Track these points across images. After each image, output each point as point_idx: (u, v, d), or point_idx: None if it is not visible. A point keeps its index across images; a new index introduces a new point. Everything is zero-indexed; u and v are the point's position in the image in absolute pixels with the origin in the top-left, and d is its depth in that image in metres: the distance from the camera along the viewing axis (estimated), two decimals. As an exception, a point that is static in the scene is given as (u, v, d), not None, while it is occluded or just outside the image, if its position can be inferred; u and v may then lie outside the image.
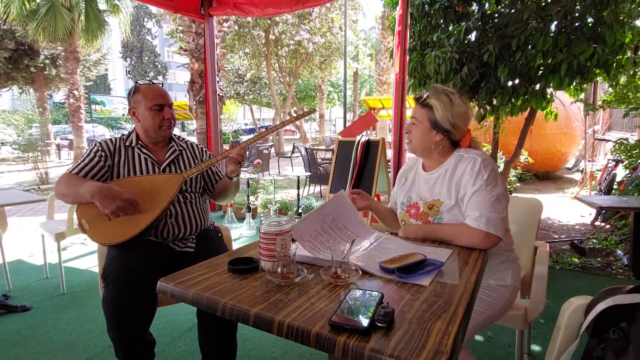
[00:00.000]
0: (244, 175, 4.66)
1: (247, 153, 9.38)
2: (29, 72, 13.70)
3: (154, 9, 27.74)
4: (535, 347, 2.03)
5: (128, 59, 32.62)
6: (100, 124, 18.49)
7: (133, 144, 1.68)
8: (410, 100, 8.71)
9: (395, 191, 1.60)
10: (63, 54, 10.51)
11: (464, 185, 1.30)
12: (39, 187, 7.57)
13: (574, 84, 2.83)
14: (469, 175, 1.29)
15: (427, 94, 1.40)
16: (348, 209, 1.32)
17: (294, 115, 1.81)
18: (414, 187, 1.48)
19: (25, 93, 13.80)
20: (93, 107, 13.86)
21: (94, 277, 3.01)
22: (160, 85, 1.71)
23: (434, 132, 1.38)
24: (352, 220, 1.29)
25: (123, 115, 15.22)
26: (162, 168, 1.67)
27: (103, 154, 1.62)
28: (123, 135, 1.72)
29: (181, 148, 1.78)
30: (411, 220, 1.43)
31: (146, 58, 32.43)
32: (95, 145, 1.65)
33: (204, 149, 1.88)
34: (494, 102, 3.06)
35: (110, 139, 1.69)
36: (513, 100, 3.03)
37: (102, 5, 10.27)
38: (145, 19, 32.04)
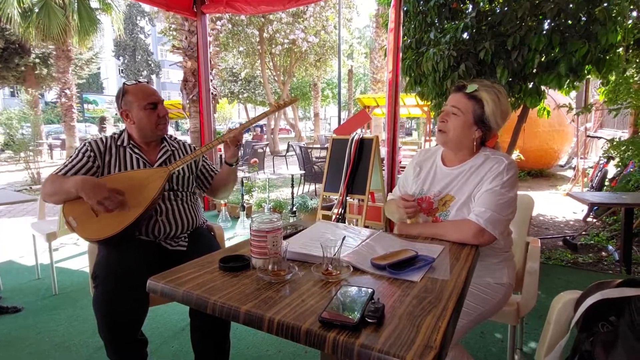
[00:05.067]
0: (239, 174, 4.64)
1: (242, 152, 9.34)
2: (19, 71, 13.54)
3: (146, 6, 27.52)
4: (528, 343, 2.05)
5: (121, 58, 32.36)
6: (93, 123, 18.33)
7: (125, 144, 1.66)
8: (403, 99, 8.69)
9: (407, 180, 1.52)
10: (54, 52, 10.40)
11: (481, 182, 1.29)
12: (30, 188, 7.49)
13: (568, 82, 2.84)
14: (490, 174, 1.28)
15: (474, 86, 1.30)
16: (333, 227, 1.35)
17: (275, 103, 1.84)
18: (429, 179, 1.43)
19: (25, 92, 13.66)
20: (85, 106, 13.75)
21: (85, 278, 2.98)
22: (147, 82, 1.69)
23: (474, 128, 1.32)
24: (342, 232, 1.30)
25: (115, 114, 15.11)
26: (154, 168, 1.66)
27: (92, 154, 1.60)
28: (114, 134, 1.70)
29: (173, 148, 1.77)
30: (420, 214, 1.40)
31: (139, 56, 32.20)
32: (84, 145, 1.62)
33: (196, 149, 1.86)
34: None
35: (101, 139, 1.66)
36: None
37: (93, 4, 10.17)
38: (138, 17, 31.80)
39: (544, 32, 2.69)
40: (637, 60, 3.54)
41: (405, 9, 3.36)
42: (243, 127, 1.70)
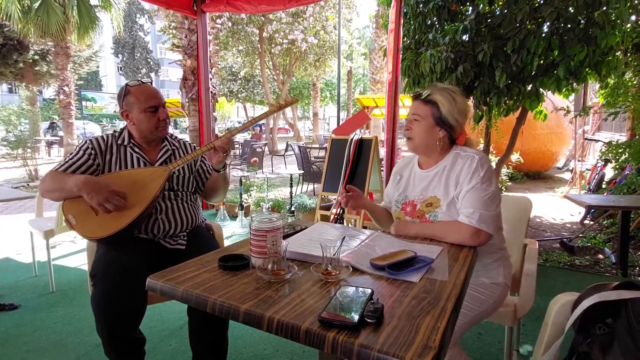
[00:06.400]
0: (238, 173, 4.64)
1: (240, 151, 9.32)
2: (18, 67, 13.48)
3: (146, 4, 27.47)
4: (525, 344, 2.06)
5: (120, 56, 32.28)
6: (92, 120, 18.29)
7: (125, 143, 1.65)
8: (402, 99, 8.74)
9: (389, 189, 1.60)
10: (53, 49, 10.36)
11: (460, 182, 1.32)
12: (28, 184, 7.46)
13: (567, 85, 2.85)
14: (466, 172, 1.31)
15: (428, 91, 1.39)
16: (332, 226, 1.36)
17: (276, 103, 1.88)
18: (410, 185, 1.48)
19: (24, 89, 13.59)
20: (84, 103, 13.69)
21: (83, 275, 2.98)
22: (150, 83, 1.69)
23: (437, 129, 1.38)
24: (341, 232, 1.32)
25: (114, 112, 15.06)
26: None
27: (93, 152, 1.59)
28: (115, 132, 1.69)
29: (174, 147, 1.76)
30: (407, 218, 1.44)
31: (138, 54, 32.13)
32: (85, 142, 1.62)
33: (196, 148, 1.86)
34: (489, 101, 3.08)
35: (102, 137, 1.66)
36: (507, 100, 3.05)
37: (93, 1, 10.13)
38: (138, 15, 31.73)
39: (543, 35, 2.70)
40: (636, 64, 3.56)
41: (404, 10, 3.36)
42: (238, 131, 1.69)
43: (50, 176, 1.53)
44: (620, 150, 4.11)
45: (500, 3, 3.07)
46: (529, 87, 2.97)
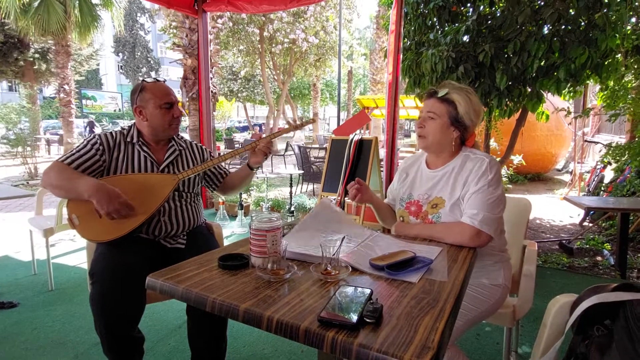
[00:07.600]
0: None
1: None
2: (18, 65, 13.49)
3: (147, 3, 27.45)
4: (523, 345, 2.06)
5: (120, 54, 32.28)
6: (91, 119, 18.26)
7: (134, 140, 1.63)
8: (402, 100, 8.73)
9: (394, 187, 1.58)
10: (54, 48, 10.36)
11: (467, 184, 1.31)
12: (27, 183, 7.46)
13: (567, 87, 2.85)
14: (475, 174, 1.30)
15: (445, 89, 1.36)
16: (337, 214, 1.35)
17: (294, 123, 2.08)
18: (416, 184, 1.47)
19: (25, 87, 13.61)
20: (84, 102, 13.67)
21: (82, 274, 2.98)
22: (164, 82, 1.69)
23: (452, 129, 1.37)
24: (343, 226, 1.32)
25: (114, 110, 15.04)
26: (161, 168, 1.64)
27: (101, 147, 1.56)
28: (123, 129, 1.66)
29: (181, 148, 1.75)
30: (410, 218, 1.43)
31: (139, 53, 32.13)
32: (94, 137, 1.58)
33: (204, 149, 1.85)
34: (490, 103, 3.08)
35: (111, 133, 1.63)
36: (507, 102, 3.06)
37: (94, -1, 10.14)
38: (138, 14, 31.74)
39: (544, 36, 2.70)
40: (636, 66, 3.56)
41: (405, 11, 3.36)
42: (280, 134, 1.77)
43: (57, 169, 1.47)
44: (619, 152, 4.11)
45: (501, 5, 3.07)
46: (529, 89, 2.97)
